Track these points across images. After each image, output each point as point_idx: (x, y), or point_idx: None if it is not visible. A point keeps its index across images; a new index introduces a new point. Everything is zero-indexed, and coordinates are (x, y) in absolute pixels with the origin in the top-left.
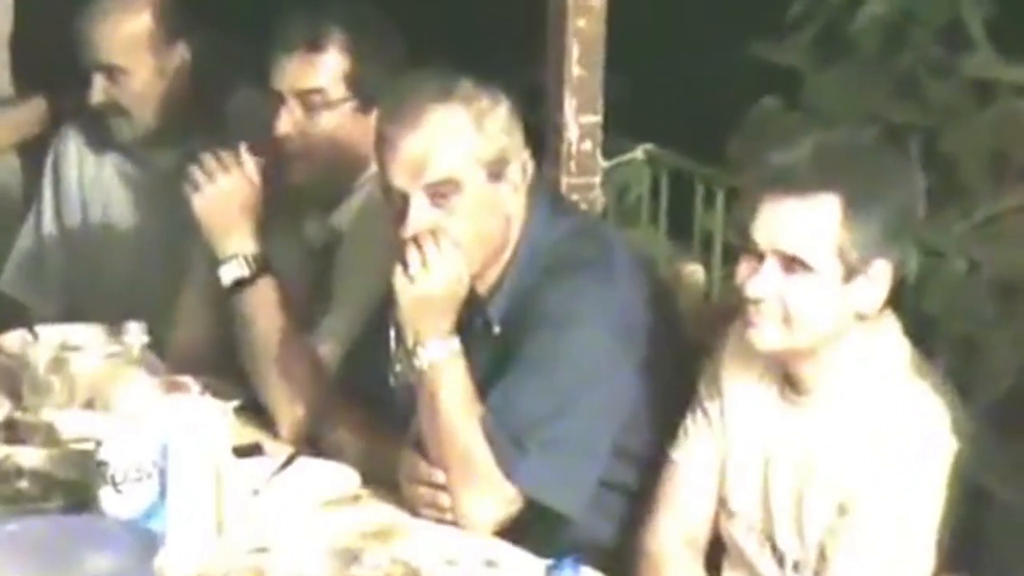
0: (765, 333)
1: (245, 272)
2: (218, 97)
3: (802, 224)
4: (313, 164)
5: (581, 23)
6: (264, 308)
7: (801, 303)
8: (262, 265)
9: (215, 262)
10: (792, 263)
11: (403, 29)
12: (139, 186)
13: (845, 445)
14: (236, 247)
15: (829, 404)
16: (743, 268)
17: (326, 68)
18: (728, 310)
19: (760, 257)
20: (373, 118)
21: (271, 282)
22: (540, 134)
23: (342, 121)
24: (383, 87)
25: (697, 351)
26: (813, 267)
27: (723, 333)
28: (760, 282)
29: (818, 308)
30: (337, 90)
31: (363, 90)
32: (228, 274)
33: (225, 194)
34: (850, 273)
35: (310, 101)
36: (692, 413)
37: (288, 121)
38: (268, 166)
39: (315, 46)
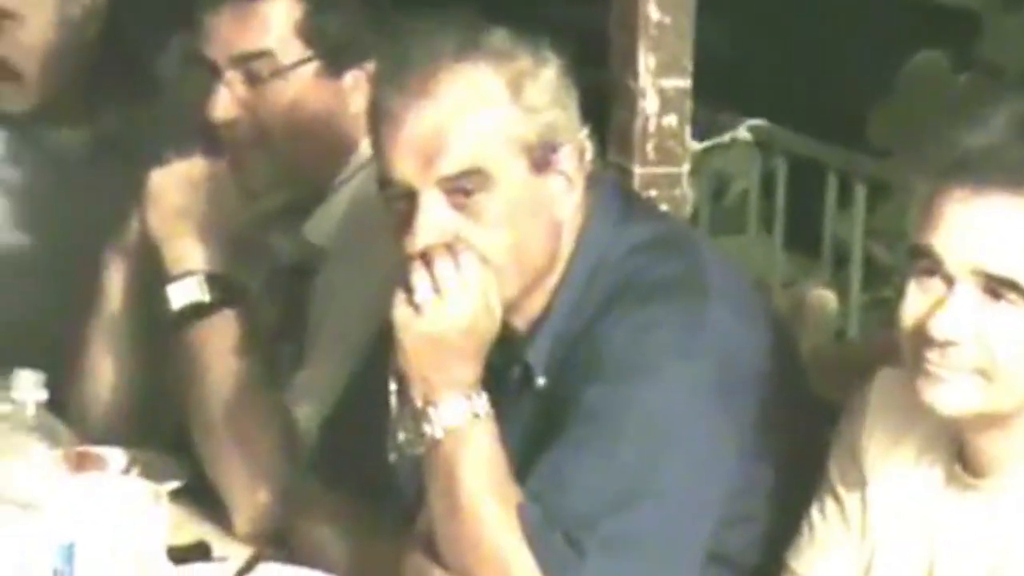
0: (956, 391)
1: (203, 296)
2: (145, 54)
3: (1017, 232)
4: (270, 155)
5: None
6: (221, 350)
7: (1013, 345)
8: (227, 292)
9: (144, 278)
10: (1000, 288)
11: None
12: (33, 176)
13: None
14: (195, 260)
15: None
16: (915, 296)
17: (271, 21)
18: (873, 354)
19: (946, 280)
20: (347, 83)
21: (236, 316)
22: (605, 105)
23: (303, 91)
24: (360, 39)
25: (826, 413)
26: None
27: (864, 388)
28: (954, 318)
29: None
30: (290, 50)
31: (328, 46)
32: (179, 296)
33: (200, 182)
34: None
35: (255, 70)
36: (819, 503)
37: (228, 100)
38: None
39: None
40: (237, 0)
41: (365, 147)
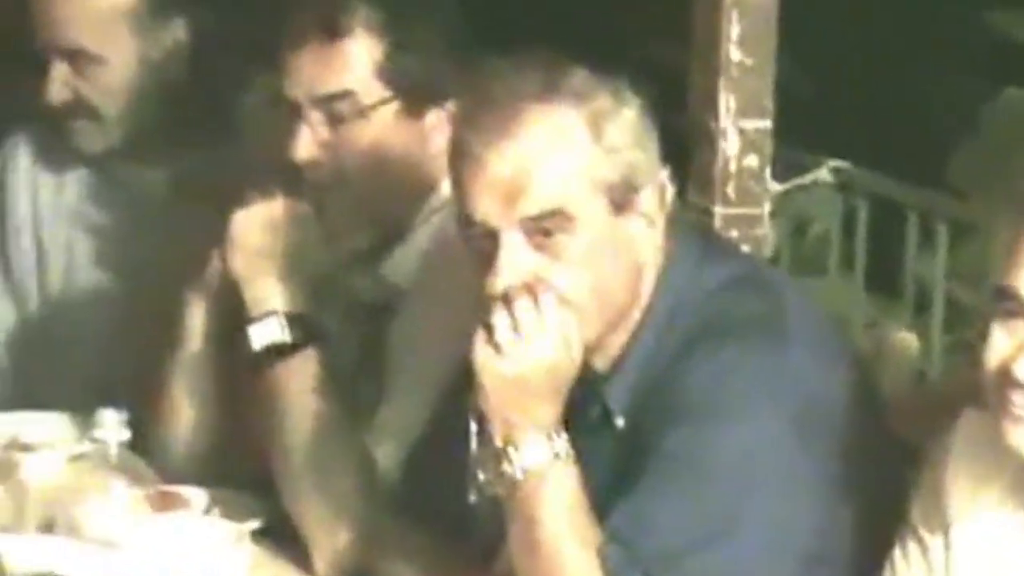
0: None
1: (284, 336)
2: (226, 94)
3: None
4: (351, 195)
5: None
6: (302, 390)
7: None
8: (308, 332)
9: (225, 318)
10: None
11: None
12: (114, 215)
13: None
14: (276, 300)
15: None
16: (998, 338)
17: (352, 61)
18: (956, 396)
19: None
20: (428, 123)
21: (316, 356)
22: (685, 146)
23: (384, 131)
24: (441, 79)
25: (909, 455)
26: None
27: (948, 430)
28: None
29: None
30: (372, 90)
31: (409, 86)
32: (260, 336)
33: (281, 222)
34: None
35: (336, 110)
36: (902, 545)
37: (309, 141)
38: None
39: (332, 32)
40: (319, 40)
41: (445, 187)
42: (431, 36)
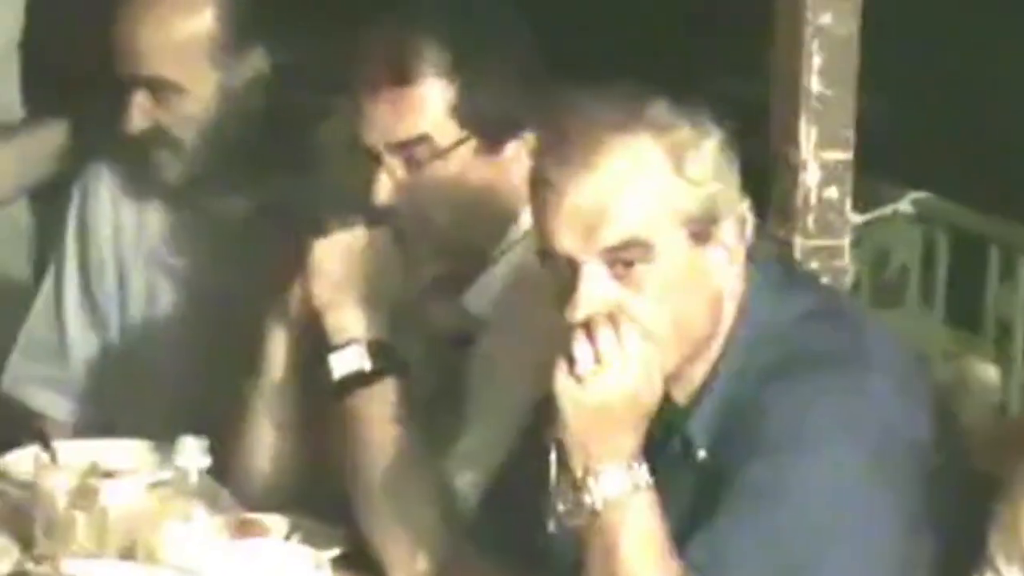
0: None
1: (364, 364)
2: (305, 124)
3: None
4: (431, 233)
5: (826, 18)
6: (382, 418)
7: None
8: (388, 360)
9: (306, 346)
10: None
11: (564, 27)
12: (195, 244)
13: None
14: (358, 329)
15: None
16: None
17: (425, 106)
18: None
19: None
20: (507, 155)
21: (397, 386)
22: (765, 177)
23: (462, 169)
24: (516, 112)
25: (988, 487)
26: None
27: None
28: None
29: None
30: (447, 132)
31: (484, 123)
32: (341, 364)
33: (362, 251)
34: None
35: (414, 154)
36: None
37: (389, 187)
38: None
39: (403, 79)
40: (390, 88)
41: (526, 217)
42: (503, 71)
